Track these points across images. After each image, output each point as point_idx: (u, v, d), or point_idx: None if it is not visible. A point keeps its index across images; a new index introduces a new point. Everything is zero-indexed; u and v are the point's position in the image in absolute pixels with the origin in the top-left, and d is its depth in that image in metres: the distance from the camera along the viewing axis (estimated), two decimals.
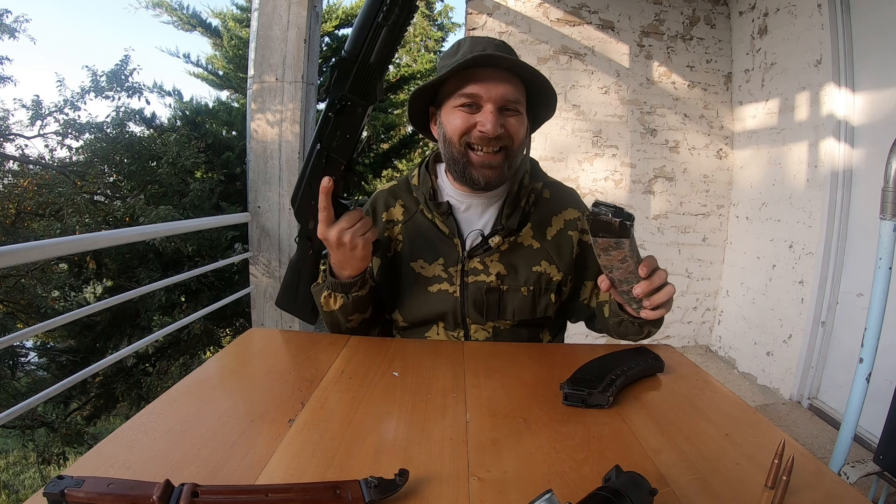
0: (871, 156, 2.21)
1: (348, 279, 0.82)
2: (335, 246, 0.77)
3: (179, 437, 0.54)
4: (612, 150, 3.21)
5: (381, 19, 0.65)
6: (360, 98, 0.70)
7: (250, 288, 2.83)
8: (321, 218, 0.75)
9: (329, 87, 0.70)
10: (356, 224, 0.76)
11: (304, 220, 0.80)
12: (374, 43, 0.67)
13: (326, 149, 0.74)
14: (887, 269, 1.23)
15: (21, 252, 1.41)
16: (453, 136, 0.82)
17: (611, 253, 0.66)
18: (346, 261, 0.79)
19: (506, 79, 0.80)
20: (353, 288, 0.82)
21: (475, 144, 0.82)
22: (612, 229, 0.64)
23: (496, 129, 0.79)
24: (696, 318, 3.34)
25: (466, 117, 0.81)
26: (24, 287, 4.60)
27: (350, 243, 0.76)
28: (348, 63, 0.68)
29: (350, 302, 0.84)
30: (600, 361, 0.70)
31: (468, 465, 0.51)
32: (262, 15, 2.62)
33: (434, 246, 0.90)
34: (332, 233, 0.75)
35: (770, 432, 0.59)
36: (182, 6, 5.95)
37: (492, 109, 0.79)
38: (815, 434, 2.19)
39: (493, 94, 0.79)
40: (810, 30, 2.46)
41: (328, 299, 0.84)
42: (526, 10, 3.10)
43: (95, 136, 4.58)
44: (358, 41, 0.67)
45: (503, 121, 0.80)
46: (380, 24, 0.66)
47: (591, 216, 0.65)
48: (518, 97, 0.82)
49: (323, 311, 0.87)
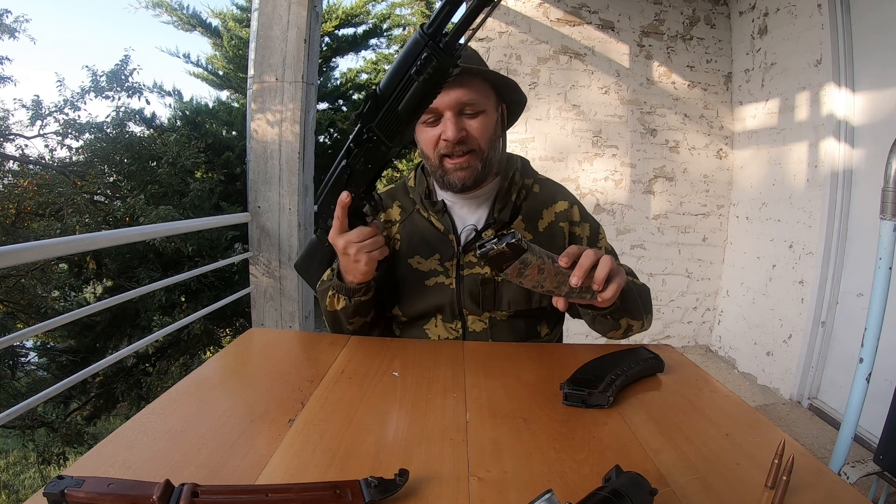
0: (871, 156, 2.21)
1: (352, 285, 0.84)
2: (341, 253, 0.80)
3: (179, 437, 0.54)
4: (612, 150, 3.21)
5: (414, 73, 0.64)
6: (385, 137, 0.71)
7: (250, 288, 2.83)
8: (334, 225, 0.78)
9: (361, 114, 0.70)
10: (366, 240, 0.78)
11: (326, 218, 0.83)
12: (404, 92, 0.66)
13: (350, 167, 0.75)
14: (887, 269, 1.23)
15: (21, 252, 1.41)
16: (427, 150, 0.87)
17: (525, 273, 0.65)
18: (348, 268, 0.82)
19: (459, 83, 0.81)
20: (356, 293, 0.85)
21: (445, 153, 0.85)
22: (507, 256, 0.63)
23: (457, 134, 0.82)
24: (696, 318, 3.34)
25: (432, 131, 0.85)
26: (24, 287, 4.60)
27: (354, 256, 0.78)
28: (380, 101, 0.68)
29: (352, 305, 0.86)
30: (600, 361, 0.70)
31: (468, 465, 0.51)
32: (262, 15, 2.62)
33: (430, 243, 0.93)
34: (340, 242, 0.78)
35: (770, 432, 0.59)
36: (182, 6, 5.96)
37: (450, 117, 0.82)
38: (815, 434, 2.19)
39: (446, 101, 0.81)
40: (810, 30, 2.46)
41: (332, 299, 0.87)
42: (526, 9, 3.10)
43: (95, 136, 4.57)
44: (390, 85, 0.67)
45: (463, 124, 0.83)
46: (412, 76, 0.65)
47: (482, 257, 0.63)
48: (474, 98, 0.83)
49: (326, 310, 0.90)
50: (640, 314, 0.85)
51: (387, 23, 7.09)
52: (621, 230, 3.26)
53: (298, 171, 2.67)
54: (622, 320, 0.82)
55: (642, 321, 0.86)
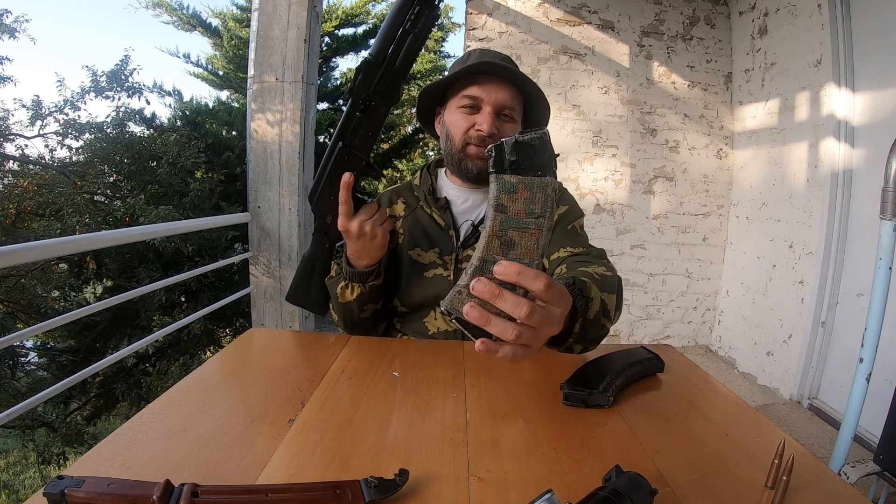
0: (871, 156, 2.21)
1: (365, 268, 0.86)
2: (356, 237, 0.82)
3: (179, 437, 0.54)
4: (612, 150, 3.21)
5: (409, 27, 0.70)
6: (384, 99, 0.76)
7: (250, 288, 2.83)
8: (342, 211, 0.80)
9: (353, 88, 0.74)
10: (374, 215, 0.82)
11: (322, 214, 0.85)
12: (399, 48, 0.72)
13: (348, 146, 0.79)
14: (887, 269, 1.24)
15: (21, 252, 1.42)
16: (455, 133, 0.91)
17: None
18: (364, 250, 0.84)
19: (505, 87, 0.88)
20: (369, 277, 0.87)
21: (472, 142, 0.90)
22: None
23: (491, 129, 0.87)
24: (696, 318, 3.34)
25: (467, 117, 0.90)
26: (24, 287, 4.59)
27: (371, 232, 0.81)
28: (374, 66, 0.73)
29: (367, 291, 0.88)
30: (600, 361, 0.70)
31: (468, 465, 0.51)
32: (262, 15, 2.62)
33: (431, 237, 0.96)
34: (354, 224, 0.80)
35: (770, 432, 0.59)
36: (182, 6, 5.95)
37: (490, 111, 0.88)
38: (815, 434, 2.19)
39: (491, 97, 0.88)
40: (810, 30, 2.46)
41: (344, 290, 0.89)
42: (526, 10, 3.10)
43: (95, 136, 4.57)
44: (384, 46, 0.72)
45: (499, 124, 0.89)
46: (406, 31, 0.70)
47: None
48: (514, 105, 0.90)
49: (338, 302, 0.91)
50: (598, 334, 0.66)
51: None
52: (621, 230, 3.26)
53: (298, 171, 2.68)
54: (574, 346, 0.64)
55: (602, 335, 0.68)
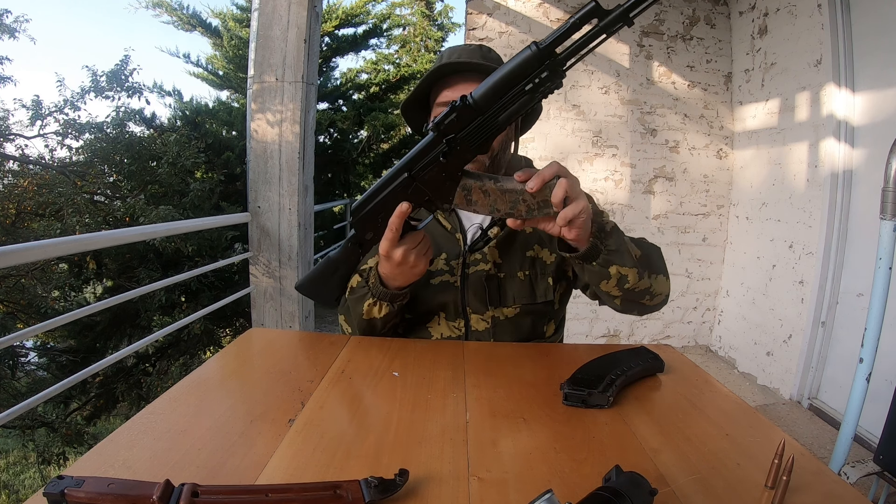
0: (871, 156, 2.21)
1: (398, 290, 0.84)
2: (397, 263, 0.79)
3: (179, 437, 0.54)
4: (612, 150, 3.21)
5: (530, 88, 0.64)
6: (472, 148, 0.70)
7: (250, 288, 2.83)
8: (389, 237, 0.76)
9: (440, 124, 0.69)
10: (419, 244, 0.79)
11: (364, 230, 0.81)
12: (508, 105, 0.66)
13: (415, 178, 0.74)
14: (887, 269, 1.24)
15: (21, 252, 1.42)
16: None
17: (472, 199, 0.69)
18: (401, 275, 0.81)
19: (474, 81, 0.82)
20: (400, 298, 0.86)
21: None
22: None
23: None
24: (696, 318, 3.34)
25: None
26: (24, 287, 4.59)
27: (413, 262, 0.79)
28: (472, 112, 0.67)
29: (395, 310, 0.87)
30: (600, 361, 0.70)
31: (468, 465, 0.51)
32: (262, 15, 2.62)
33: (437, 241, 0.94)
34: (399, 252, 0.77)
35: (770, 432, 0.59)
36: (182, 6, 5.95)
37: None
38: (815, 434, 2.19)
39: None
40: (810, 30, 2.46)
41: (371, 308, 0.87)
42: (526, 10, 3.10)
43: (95, 136, 4.56)
44: (494, 96, 0.66)
45: None
46: (524, 91, 0.64)
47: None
48: None
49: (361, 318, 0.89)
50: (632, 262, 0.78)
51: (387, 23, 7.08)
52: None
53: (298, 171, 2.67)
54: (611, 268, 0.76)
55: (639, 272, 0.79)
